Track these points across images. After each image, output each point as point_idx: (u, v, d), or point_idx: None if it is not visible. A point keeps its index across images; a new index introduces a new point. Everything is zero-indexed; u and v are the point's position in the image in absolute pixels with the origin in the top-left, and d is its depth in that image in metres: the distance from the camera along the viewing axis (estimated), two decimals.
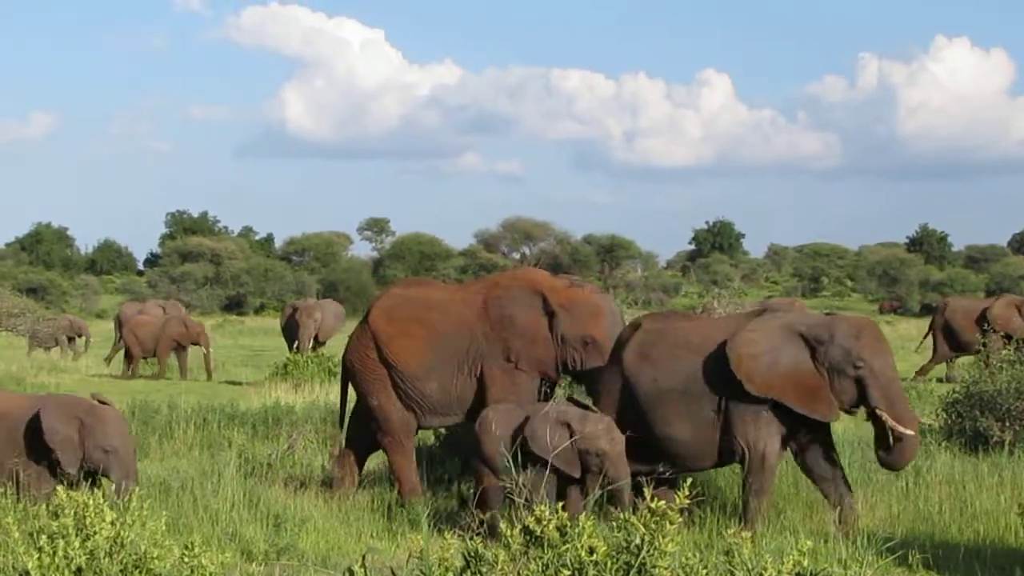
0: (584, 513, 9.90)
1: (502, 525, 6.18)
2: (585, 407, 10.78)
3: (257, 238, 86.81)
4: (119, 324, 31.78)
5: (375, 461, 14.28)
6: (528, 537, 5.88)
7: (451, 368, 12.36)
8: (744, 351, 10.64)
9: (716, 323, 12.24)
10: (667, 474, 10.81)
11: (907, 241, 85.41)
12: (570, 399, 11.34)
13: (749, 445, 10.63)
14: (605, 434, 10.46)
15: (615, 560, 5.78)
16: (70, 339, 34.22)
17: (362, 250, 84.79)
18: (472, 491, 11.16)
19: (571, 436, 10.35)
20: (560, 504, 9.55)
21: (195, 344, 28.54)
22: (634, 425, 10.83)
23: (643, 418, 10.96)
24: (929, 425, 13.26)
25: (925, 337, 28.25)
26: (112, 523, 7.36)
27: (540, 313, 12.23)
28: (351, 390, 13.00)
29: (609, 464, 10.39)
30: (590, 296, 12.50)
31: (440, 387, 12.39)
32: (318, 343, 29.10)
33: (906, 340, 33.26)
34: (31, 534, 7.48)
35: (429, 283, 14.36)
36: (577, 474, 10.50)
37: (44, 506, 8.54)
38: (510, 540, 5.81)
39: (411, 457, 12.67)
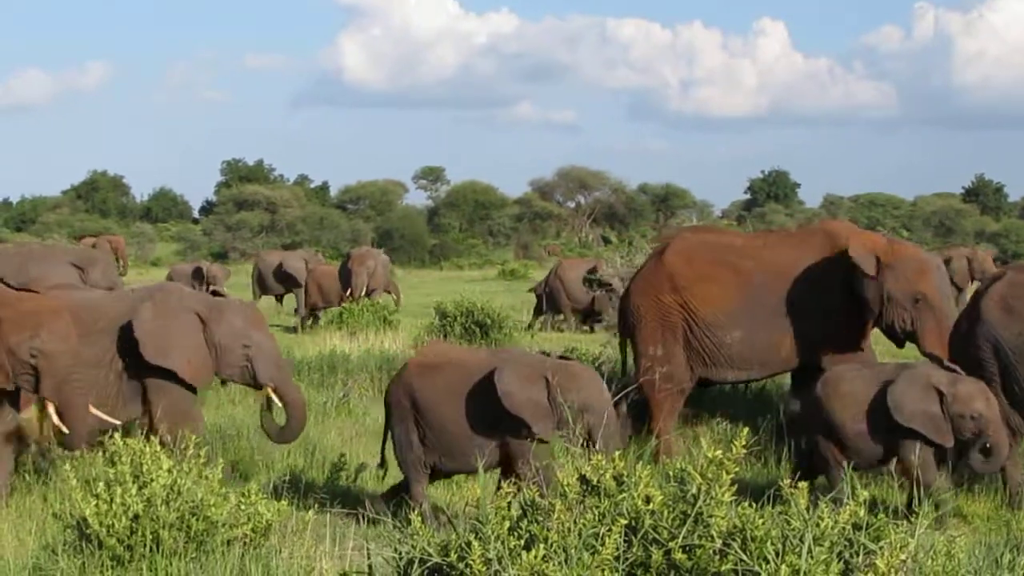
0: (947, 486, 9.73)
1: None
2: (952, 369, 9.70)
3: (312, 186, 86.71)
4: (259, 275, 31.83)
5: None
6: (585, 486, 5.85)
7: (758, 319, 11.83)
8: None
9: None
10: None
11: (963, 191, 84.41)
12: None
13: None
14: (981, 395, 9.48)
15: (671, 509, 5.74)
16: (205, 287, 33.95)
17: (417, 199, 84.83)
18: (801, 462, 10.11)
19: (941, 401, 9.42)
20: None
21: (387, 292, 28.56)
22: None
23: (1006, 376, 10.21)
24: None
25: None
26: (169, 471, 7.40)
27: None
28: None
29: (988, 427, 9.39)
30: (916, 251, 11.88)
31: (743, 338, 11.87)
32: (368, 292, 29.09)
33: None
34: (88, 481, 7.53)
35: (722, 230, 13.91)
36: (949, 443, 9.51)
37: (100, 453, 8.58)
38: (567, 489, 5.78)
39: (675, 416, 12.04)
